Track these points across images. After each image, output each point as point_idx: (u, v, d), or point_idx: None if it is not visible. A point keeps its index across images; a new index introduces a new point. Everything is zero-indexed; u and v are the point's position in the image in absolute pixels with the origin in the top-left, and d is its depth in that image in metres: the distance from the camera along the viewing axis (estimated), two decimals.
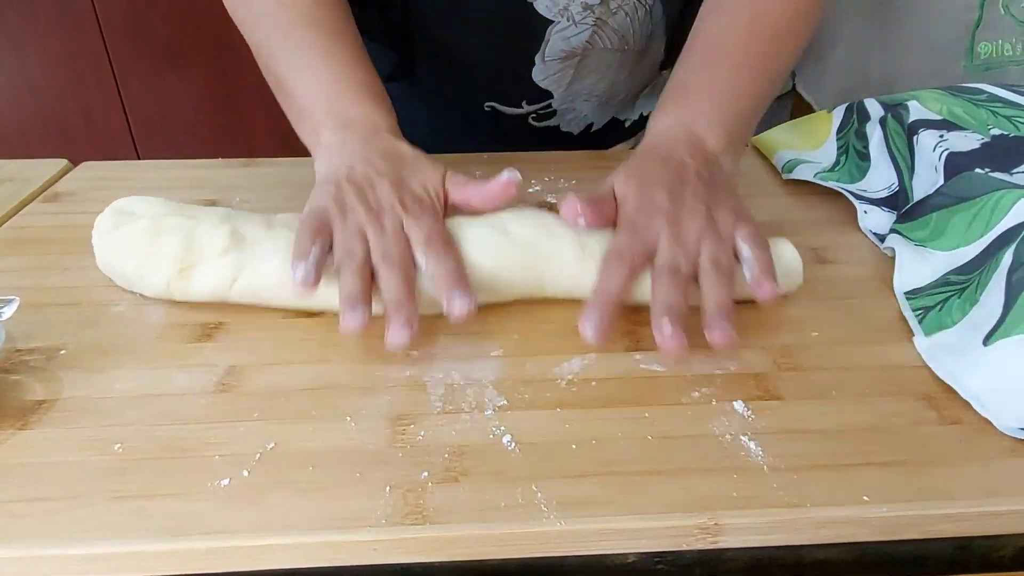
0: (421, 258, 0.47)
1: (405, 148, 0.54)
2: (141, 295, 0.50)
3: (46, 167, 0.70)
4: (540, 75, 0.74)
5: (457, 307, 0.44)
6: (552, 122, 0.80)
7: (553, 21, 0.69)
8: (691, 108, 0.56)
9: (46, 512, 0.35)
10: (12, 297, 0.45)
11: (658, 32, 0.74)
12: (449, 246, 0.47)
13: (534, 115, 0.78)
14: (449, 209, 0.52)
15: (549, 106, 0.77)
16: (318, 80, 0.56)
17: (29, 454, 0.38)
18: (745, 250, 0.47)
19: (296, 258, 0.45)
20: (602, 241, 0.49)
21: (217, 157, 0.74)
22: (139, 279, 0.49)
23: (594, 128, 0.82)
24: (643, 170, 0.52)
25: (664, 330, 0.43)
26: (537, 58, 0.72)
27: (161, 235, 0.49)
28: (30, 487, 0.36)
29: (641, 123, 0.86)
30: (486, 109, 0.78)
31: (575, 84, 0.75)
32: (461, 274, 0.46)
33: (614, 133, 0.85)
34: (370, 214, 0.48)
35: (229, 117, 1.83)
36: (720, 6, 0.59)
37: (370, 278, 0.46)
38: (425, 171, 0.52)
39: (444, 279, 0.45)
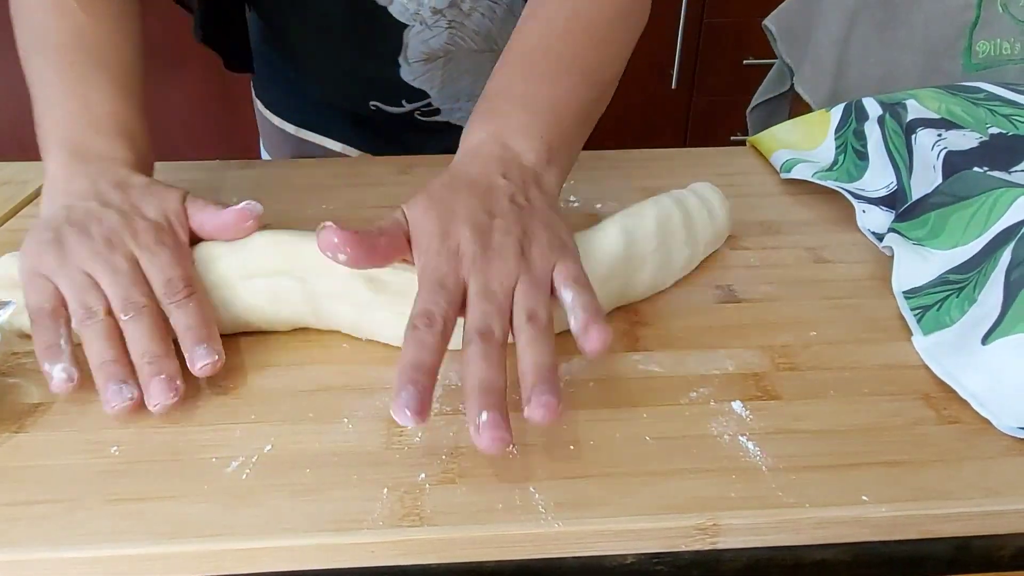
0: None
1: (139, 178, 0.48)
2: None
3: (42, 169, 0.70)
4: (409, 76, 0.75)
5: (199, 365, 0.41)
6: (441, 118, 0.80)
7: (408, 25, 0.70)
8: (504, 120, 0.49)
9: (43, 515, 0.35)
10: (9, 300, 0.45)
11: None
12: (191, 289, 0.43)
13: (419, 112, 0.79)
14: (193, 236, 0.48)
15: (430, 104, 0.78)
16: (64, 108, 0.51)
17: (25, 457, 0.38)
18: (566, 295, 0.41)
19: (48, 360, 0.40)
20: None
21: (215, 159, 0.74)
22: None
23: None
24: (446, 199, 0.44)
25: (483, 421, 0.35)
26: (401, 60, 0.73)
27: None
28: (26, 490, 0.36)
29: None
30: (372, 108, 0.79)
31: (449, 86, 0.76)
32: (204, 325, 0.42)
33: None
34: (96, 255, 0.43)
35: (227, 119, 1.83)
36: (535, 12, 0.55)
37: (119, 336, 0.41)
38: (161, 194, 0.47)
39: (185, 334, 0.42)
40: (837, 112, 0.69)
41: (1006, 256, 0.44)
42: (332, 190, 0.66)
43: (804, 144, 0.69)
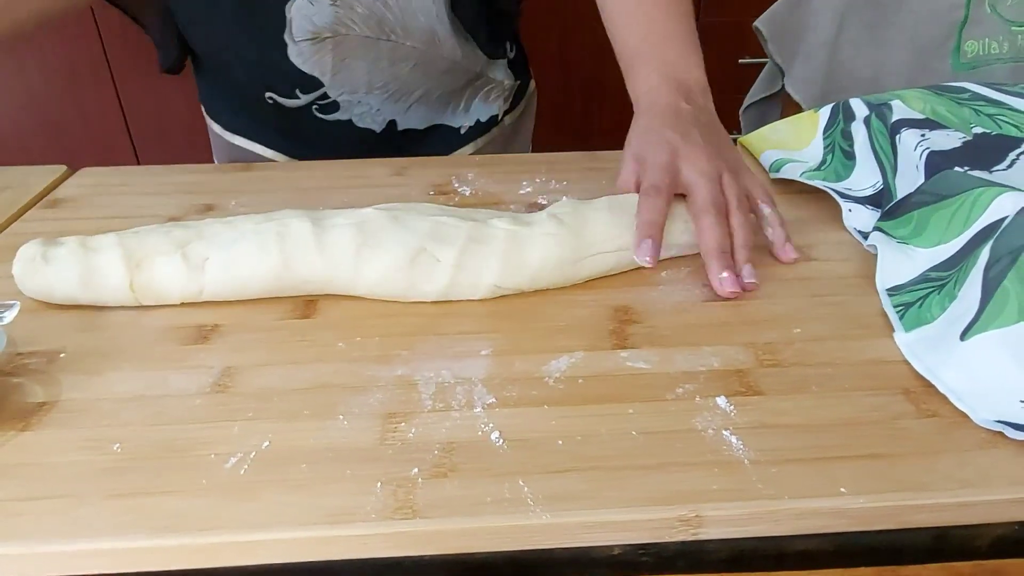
0: None
1: None
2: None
3: (45, 173, 0.71)
4: (298, 58, 0.74)
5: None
6: (341, 115, 0.80)
7: None
8: (662, 57, 0.62)
9: (46, 510, 0.36)
10: (13, 302, 0.46)
11: (443, 30, 0.75)
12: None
13: (316, 107, 0.78)
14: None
15: (326, 96, 0.77)
16: None
17: (29, 455, 0.39)
18: (764, 208, 0.55)
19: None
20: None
21: (214, 163, 0.75)
22: (85, 287, 0.50)
23: (401, 126, 0.82)
24: (646, 126, 0.58)
25: (723, 277, 0.50)
26: (287, 38, 0.72)
27: (95, 246, 0.50)
28: (31, 487, 0.37)
29: (480, 129, 0.86)
30: (268, 101, 0.78)
31: (342, 72, 0.75)
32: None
33: (447, 138, 0.85)
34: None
35: None
36: None
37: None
38: None
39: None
40: (825, 112, 0.70)
41: (985, 254, 0.45)
42: (330, 192, 0.67)
43: (793, 144, 0.70)
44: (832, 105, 0.70)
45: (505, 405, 0.42)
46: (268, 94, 0.78)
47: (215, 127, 0.88)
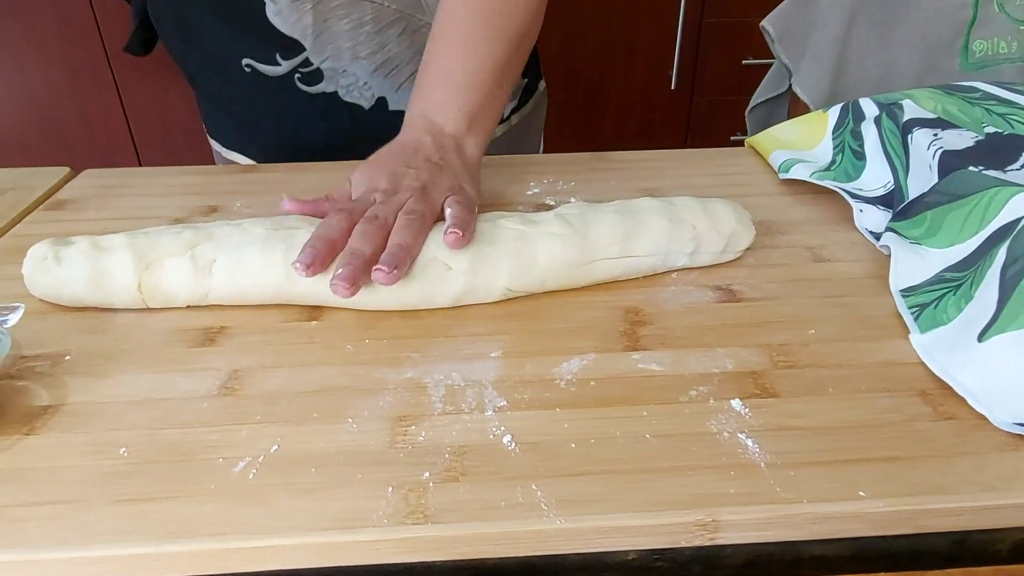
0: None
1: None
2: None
3: (48, 175, 0.71)
4: (276, 17, 0.71)
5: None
6: (326, 87, 0.77)
7: None
8: (429, 97, 0.59)
9: (52, 516, 0.35)
10: (17, 304, 0.46)
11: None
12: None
13: (299, 75, 0.75)
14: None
15: (308, 62, 0.74)
16: None
17: (34, 459, 0.39)
18: (448, 209, 0.51)
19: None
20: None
21: (216, 164, 0.75)
22: (94, 288, 0.49)
23: (392, 106, 0.79)
24: (378, 159, 0.57)
25: (338, 273, 0.46)
26: None
27: (106, 246, 0.50)
28: (36, 491, 0.37)
29: None
30: (246, 69, 0.75)
31: (324, 34, 0.72)
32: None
33: None
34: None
35: None
36: None
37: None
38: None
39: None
40: (835, 112, 0.70)
41: (1002, 254, 0.45)
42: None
43: (802, 144, 0.70)
44: (841, 105, 0.69)
45: (516, 408, 0.42)
46: (246, 61, 0.75)
47: (215, 145, 0.87)
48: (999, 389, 0.40)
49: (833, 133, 0.68)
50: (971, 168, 0.53)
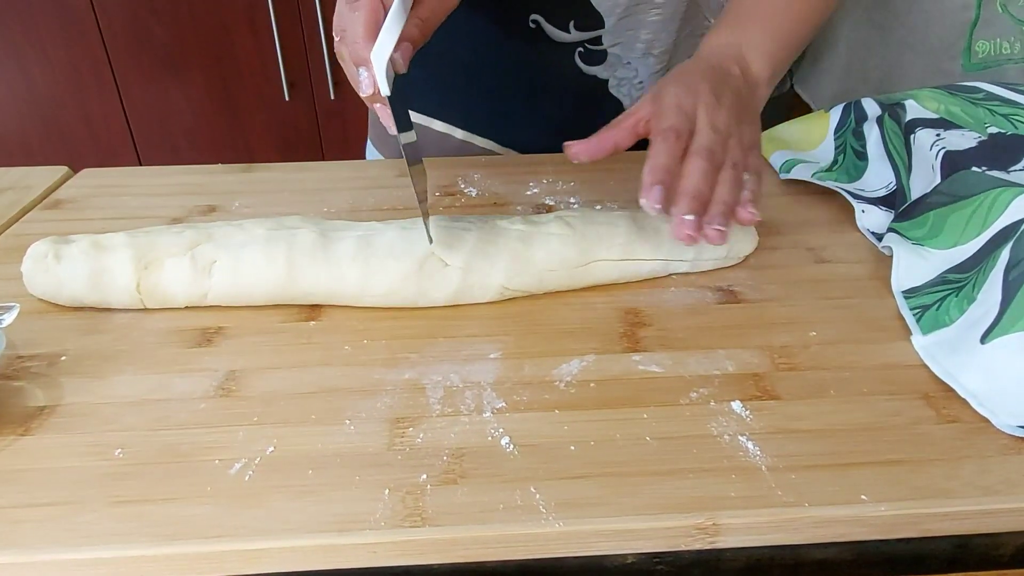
0: None
1: None
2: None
3: (47, 174, 0.70)
4: None
5: None
6: (602, 72, 0.74)
7: None
8: (745, 32, 0.59)
9: (47, 517, 0.35)
10: (13, 304, 0.45)
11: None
12: None
13: (582, 49, 0.72)
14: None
15: (599, 40, 0.71)
16: None
17: (30, 460, 0.38)
18: (746, 178, 0.50)
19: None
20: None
21: (218, 163, 0.74)
22: (93, 287, 0.49)
23: None
24: (687, 69, 0.55)
25: (688, 221, 0.46)
26: None
27: (106, 244, 0.50)
28: (31, 493, 0.36)
29: None
30: (531, 24, 0.71)
31: (629, 16, 0.70)
32: None
33: None
34: None
35: (230, 123, 1.84)
36: None
37: None
38: None
39: None
40: (836, 112, 0.69)
41: (1005, 255, 0.45)
42: (332, 193, 0.66)
43: (803, 144, 0.69)
44: (843, 105, 0.69)
45: (515, 410, 0.41)
46: (534, 16, 0.71)
47: (423, 120, 0.80)
48: (1002, 391, 0.40)
49: (835, 133, 0.68)
50: (974, 169, 0.52)
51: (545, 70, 0.74)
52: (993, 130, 0.59)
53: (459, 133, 0.80)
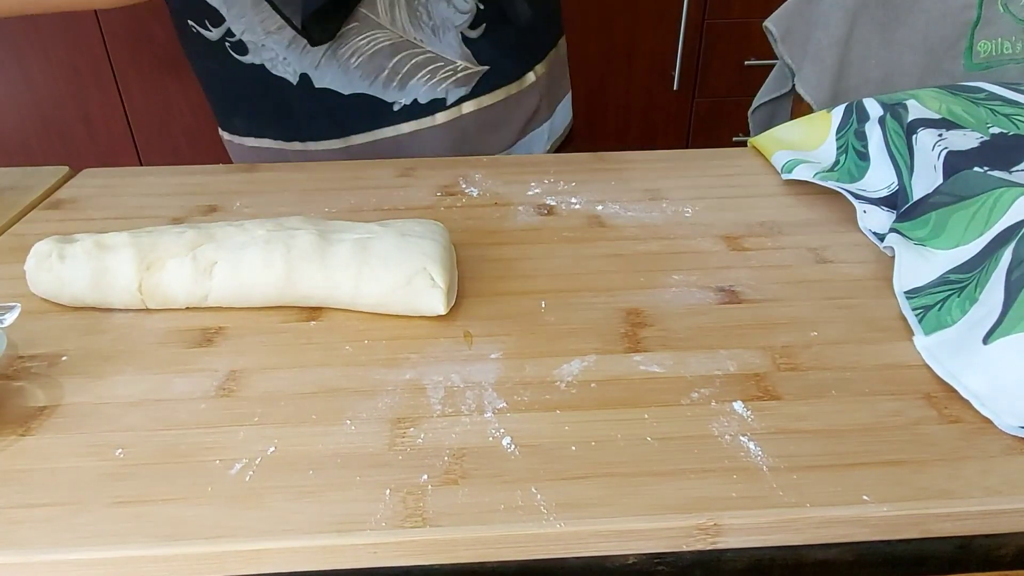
0: None
1: None
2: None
3: (47, 175, 0.70)
4: None
5: None
6: (253, 58, 0.76)
7: None
8: None
9: (47, 518, 0.35)
10: (14, 304, 0.45)
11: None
12: None
13: (228, 43, 0.75)
14: None
15: (232, 32, 0.74)
16: None
17: (30, 460, 0.38)
18: None
19: None
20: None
21: (219, 163, 0.75)
22: (95, 287, 0.49)
23: (318, 83, 0.76)
24: None
25: None
26: None
27: (109, 244, 0.50)
28: (31, 493, 0.36)
29: (416, 110, 0.78)
30: (192, 29, 0.76)
31: (237, 5, 0.72)
32: None
33: (377, 112, 0.78)
34: None
35: None
36: None
37: None
38: None
39: None
40: (838, 113, 0.69)
41: (1007, 256, 0.44)
42: (333, 193, 0.66)
43: (805, 145, 0.69)
44: (845, 105, 0.69)
45: (516, 410, 0.41)
46: (190, 21, 0.76)
47: (223, 134, 0.87)
48: (1005, 392, 0.40)
49: (837, 134, 0.68)
50: (976, 169, 0.52)
51: (219, 67, 0.78)
52: (995, 130, 0.59)
53: (250, 141, 0.84)
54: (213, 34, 0.75)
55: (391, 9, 0.73)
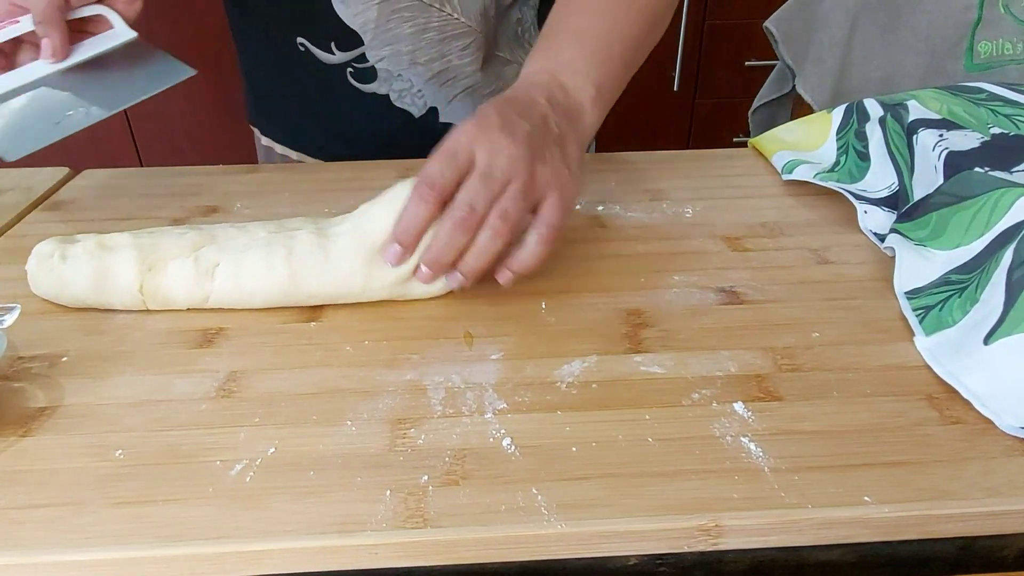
0: None
1: None
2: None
3: (48, 176, 0.70)
4: (341, 5, 0.69)
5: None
6: (378, 88, 0.74)
7: None
8: (559, 55, 0.54)
9: (47, 519, 0.35)
10: (14, 305, 0.45)
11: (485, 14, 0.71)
12: None
13: (352, 70, 0.73)
14: None
15: (364, 58, 0.72)
16: None
17: (30, 461, 0.38)
18: (529, 236, 0.47)
19: None
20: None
21: (219, 164, 0.74)
22: (96, 288, 0.49)
23: (443, 118, 0.77)
24: (493, 106, 0.50)
25: (423, 273, 0.47)
26: None
27: (111, 244, 0.50)
28: (32, 494, 0.36)
29: None
30: (299, 47, 0.73)
31: (386, 33, 0.70)
32: None
33: None
34: None
35: (231, 124, 1.84)
36: None
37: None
38: None
39: None
40: (839, 113, 0.69)
41: (1008, 256, 0.44)
42: (333, 194, 0.66)
43: (805, 145, 0.69)
44: (846, 106, 0.69)
45: (517, 411, 0.41)
46: (300, 40, 0.72)
47: (265, 141, 0.85)
48: (1006, 393, 0.40)
49: (837, 134, 0.68)
50: (977, 169, 0.52)
51: (325, 91, 0.75)
52: (996, 131, 0.59)
53: (263, 140, 0.84)
54: (336, 57, 0.72)
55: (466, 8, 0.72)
